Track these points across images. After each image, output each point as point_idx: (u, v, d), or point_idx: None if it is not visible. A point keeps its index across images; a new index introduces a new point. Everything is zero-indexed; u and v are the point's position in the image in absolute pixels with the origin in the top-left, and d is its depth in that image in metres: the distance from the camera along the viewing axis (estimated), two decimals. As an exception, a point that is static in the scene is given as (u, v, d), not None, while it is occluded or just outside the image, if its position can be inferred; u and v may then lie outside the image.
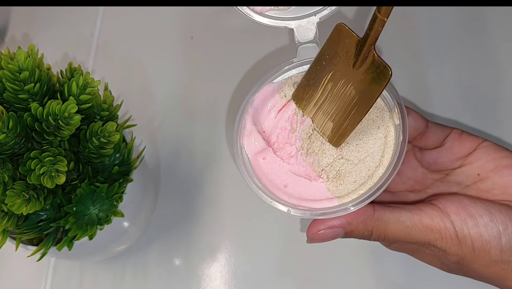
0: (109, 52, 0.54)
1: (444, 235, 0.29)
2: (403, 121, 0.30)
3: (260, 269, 0.44)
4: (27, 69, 0.30)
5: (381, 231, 0.30)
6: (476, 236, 0.29)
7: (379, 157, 0.31)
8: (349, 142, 0.31)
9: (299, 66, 0.33)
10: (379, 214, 0.30)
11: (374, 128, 0.31)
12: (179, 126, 0.50)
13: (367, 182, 0.30)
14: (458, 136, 0.34)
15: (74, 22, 0.57)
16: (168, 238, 0.45)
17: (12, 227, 0.32)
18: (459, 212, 0.29)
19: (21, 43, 0.55)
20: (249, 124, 0.32)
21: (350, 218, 0.30)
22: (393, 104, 0.31)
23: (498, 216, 0.29)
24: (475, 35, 0.51)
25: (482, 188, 0.33)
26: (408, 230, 0.30)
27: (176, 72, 0.53)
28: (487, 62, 0.49)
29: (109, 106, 0.35)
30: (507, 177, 0.32)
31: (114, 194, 0.35)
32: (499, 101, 0.48)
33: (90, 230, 0.34)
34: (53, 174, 0.30)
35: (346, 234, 0.31)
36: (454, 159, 0.34)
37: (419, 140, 0.34)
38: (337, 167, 0.31)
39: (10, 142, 0.30)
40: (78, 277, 0.44)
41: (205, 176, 0.47)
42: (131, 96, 0.51)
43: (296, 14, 0.31)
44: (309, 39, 0.32)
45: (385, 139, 0.31)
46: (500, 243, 0.29)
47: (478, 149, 0.33)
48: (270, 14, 0.32)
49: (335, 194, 0.31)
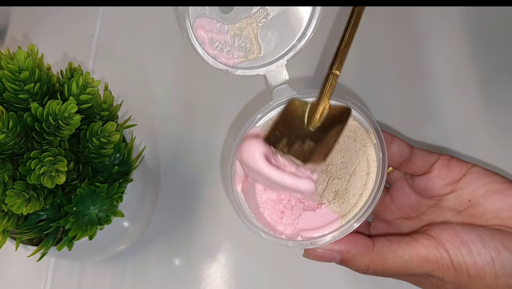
0: (109, 52, 0.54)
1: (441, 264, 0.30)
2: (379, 139, 0.32)
3: (260, 269, 0.44)
4: (27, 69, 0.30)
5: (379, 266, 0.31)
6: (470, 263, 0.29)
7: (365, 165, 0.32)
8: (335, 163, 0.33)
9: (277, 107, 0.35)
10: (378, 248, 0.31)
11: (351, 142, 0.33)
12: (179, 126, 0.50)
13: (364, 191, 0.32)
14: (447, 162, 0.34)
15: (74, 22, 0.57)
16: (168, 238, 0.45)
17: (12, 227, 0.32)
18: (452, 240, 0.30)
19: (21, 43, 0.55)
20: (240, 169, 0.34)
21: (350, 247, 0.31)
22: (368, 126, 0.32)
23: (490, 242, 0.30)
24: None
25: (474, 213, 0.33)
26: (406, 264, 0.30)
27: (176, 72, 0.53)
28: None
29: (109, 106, 0.35)
30: (498, 202, 0.32)
31: (114, 194, 0.35)
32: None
33: (90, 230, 0.34)
34: (53, 174, 0.30)
35: (342, 261, 0.31)
36: (444, 185, 0.34)
37: (405, 166, 0.34)
38: (333, 188, 0.32)
39: (10, 142, 0.30)
40: (78, 277, 0.44)
41: (205, 176, 0.47)
42: (131, 96, 0.50)
43: (265, 61, 0.34)
44: (281, 81, 0.35)
45: (364, 148, 0.32)
46: (494, 269, 0.29)
47: (467, 174, 0.33)
48: (242, 65, 0.34)
49: (341, 213, 0.32)
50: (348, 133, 0.33)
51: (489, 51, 0.50)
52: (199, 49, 0.34)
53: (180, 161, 0.48)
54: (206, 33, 0.34)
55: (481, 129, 0.47)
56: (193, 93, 0.51)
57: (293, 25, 0.33)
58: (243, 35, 0.34)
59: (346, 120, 0.31)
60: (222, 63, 0.34)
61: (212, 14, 0.34)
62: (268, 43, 0.34)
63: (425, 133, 0.47)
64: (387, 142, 0.33)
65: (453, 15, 0.52)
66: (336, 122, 0.31)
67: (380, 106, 0.48)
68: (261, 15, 0.33)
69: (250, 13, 0.33)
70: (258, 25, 0.34)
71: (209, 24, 0.34)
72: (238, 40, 0.34)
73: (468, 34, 0.51)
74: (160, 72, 0.53)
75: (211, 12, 0.34)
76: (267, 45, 0.34)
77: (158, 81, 0.52)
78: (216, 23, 0.34)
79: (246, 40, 0.34)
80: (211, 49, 0.34)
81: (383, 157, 0.31)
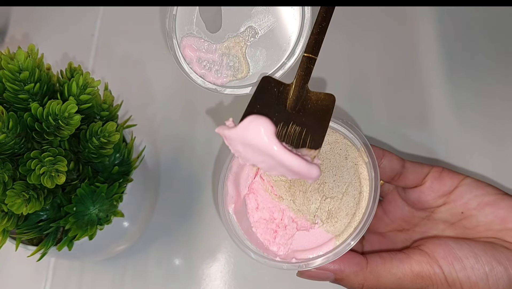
0: (109, 52, 0.54)
1: (434, 281, 0.30)
2: (368, 150, 0.32)
3: (260, 269, 0.44)
4: (27, 69, 0.30)
5: (373, 284, 0.31)
6: (464, 279, 0.29)
7: (358, 183, 0.32)
8: (326, 181, 0.33)
9: None
10: (371, 267, 0.31)
11: (343, 160, 0.33)
12: (179, 126, 0.50)
13: (357, 210, 0.32)
14: (438, 175, 0.34)
15: (74, 22, 0.57)
16: (168, 238, 0.45)
17: (12, 227, 0.32)
18: (446, 256, 0.30)
19: (21, 43, 0.55)
20: (232, 190, 0.34)
21: (343, 266, 0.31)
22: (359, 144, 0.32)
23: (483, 257, 0.30)
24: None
25: (467, 225, 0.33)
26: (400, 281, 0.30)
27: (176, 72, 0.53)
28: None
29: (109, 106, 0.35)
30: (490, 214, 0.32)
31: (114, 194, 0.35)
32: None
33: (90, 230, 0.34)
34: (53, 174, 0.30)
35: (336, 280, 0.31)
36: (436, 197, 0.34)
37: (397, 180, 0.34)
38: (326, 207, 0.32)
39: (10, 142, 0.30)
40: (78, 277, 0.44)
41: (205, 176, 0.47)
42: (131, 96, 0.50)
43: (254, 80, 0.33)
44: None
45: (356, 166, 0.32)
46: (488, 284, 0.29)
47: (459, 186, 0.33)
48: (231, 84, 0.34)
49: (334, 233, 0.32)
50: (340, 151, 0.33)
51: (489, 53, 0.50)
52: (186, 69, 0.34)
53: (180, 161, 0.48)
54: (193, 52, 0.34)
55: (477, 139, 0.47)
56: (193, 93, 0.51)
57: (282, 44, 0.33)
58: (231, 54, 0.33)
59: (332, 107, 0.29)
60: (210, 82, 0.34)
61: (199, 34, 0.34)
62: (257, 62, 0.34)
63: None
64: (378, 157, 0.33)
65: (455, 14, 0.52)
66: (320, 109, 0.30)
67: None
68: (249, 34, 0.33)
69: (238, 32, 0.33)
70: (246, 44, 0.33)
71: (196, 43, 0.34)
72: (226, 59, 0.33)
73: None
74: (160, 72, 0.53)
75: (198, 31, 0.34)
76: (255, 64, 0.34)
77: (158, 81, 0.52)
78: (204, 42, 0.34)
79: (235, 59, 0.34)
80: (199, 68, 0.34)
81: (375, 176, 0.31)
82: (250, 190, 0.35)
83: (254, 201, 0.34)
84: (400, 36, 0.52)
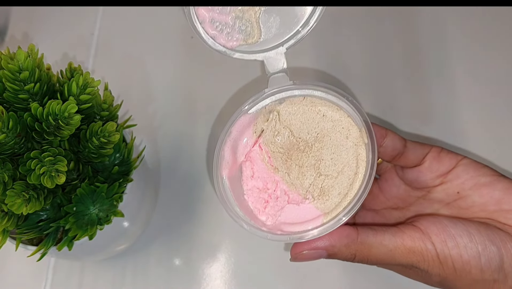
0: (109, 51, 0.54)
1: (426, 257, 0.30)
2: (369, 132, 0.31)
3: (260, 268, 0.44)
4: (27, 69, 0.30)
5: (365, 255, 0.31)
6: (456, 257, 0.29)
7: (354, 164, 0.32)
8: (324, 158, 0.32)
9: (271, 96, 0.34)
10: (362, 237, 0.31)
11: (343, 139, 0.32)
12: (179, 126, 0.50)
13: (350, 191, 0.31)
14: (437, 155, 0.34)
15: (74, 22, 0.57)
16: (168, 238, 0.45)
17: (12, 227, 0.32)
18: (439, 233, 0.30)
19: (21, 43, 0.55)
20: (228, 155, 0.33)
21: (334, 241, 0.31)
22: (361, 124, 0.32)
23: (477, 236, 0.30)
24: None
25: (462, 205, 0.33)
26: (391, 253, 0.30)
27: (176, 72, 0.53)
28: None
29: (109, 106, 0.35)
30: (486, 195, 0.32)
31: (114, 194, 0.35)
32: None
33: (90, 230, 0.34)
34: (53, 174, 0.30)
35: (329, 256, 0.31)
36: (434, 176, 0.34)
37: (398, 160, 0.34)
38: (319, 184, 0.32)
39: (10, 142, 0.30)
40: (78, 277, 0.44)
41: (205, 176, 0.47)
42: (131, 96, 0.50)
43: (264, 47, 0.33)
44: (279, 69, 0.34)
45: (355, 147, 0.32)
46: (480, 263, 0.29)
47: (457, 167, 0.33)
48: (241, 49, 0.33)
49: (324, 211, 0.32)
50: (341, 130, 0.33)
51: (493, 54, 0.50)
52: (198, 28, 0.33)
53: (180, 161, 0.48)
54: (207, 12, 0.33)
55: (478, 136, 0.47)
56: (193, 93, 0.51)
57: (297, 12, 0.32)
58: (244, 18, 0.33)
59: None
60: (220, 44, 0.33)
61: None
62: (269, 29, 0.33)
63: (424, 130, 0.47)
64: (381, 137, 0.33)
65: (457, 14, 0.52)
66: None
67: (378, 101, 0.48)
68: (265, -2, 0.32)
69: None
70: (260, 9, 0.33)
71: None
72: (239, 22, 0.33)
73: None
74: (160, 71, 0.53)
75: None
76: (268, 30, 0.33)
77: (158, 80, 0.52)
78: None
79: (247, 23, 0.33)
80: (211, 29, 0.33)
81: (373, 158, 0.31)
82: (247, 158, 0.34)
83: (250, 169, 0.34)
84: (404, 32, 0.52)
